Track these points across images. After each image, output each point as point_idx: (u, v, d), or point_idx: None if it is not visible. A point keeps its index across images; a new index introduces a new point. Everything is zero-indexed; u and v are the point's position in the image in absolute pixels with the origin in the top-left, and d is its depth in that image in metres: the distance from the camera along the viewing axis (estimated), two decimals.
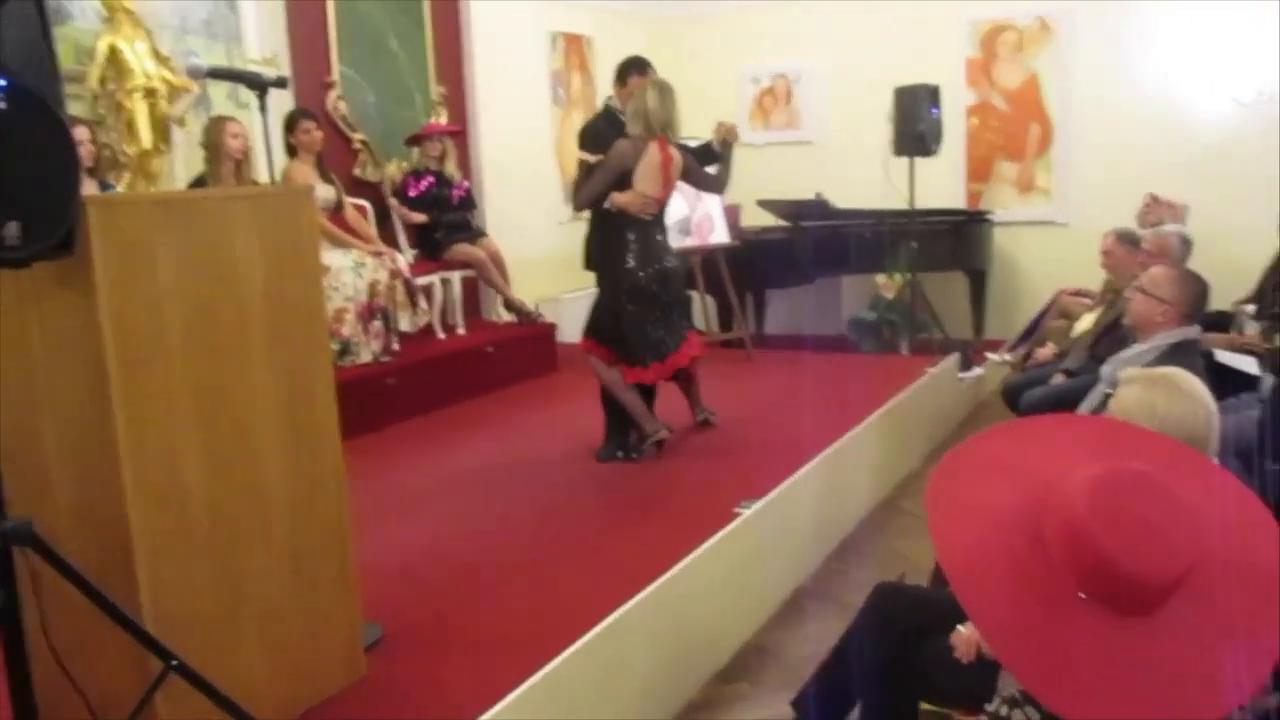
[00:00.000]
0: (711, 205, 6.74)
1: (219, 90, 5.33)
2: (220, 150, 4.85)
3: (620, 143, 4.36)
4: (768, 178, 8.10)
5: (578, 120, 7.56)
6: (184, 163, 5.10)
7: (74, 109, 4.62)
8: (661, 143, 4.33)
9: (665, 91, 4.34)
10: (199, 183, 4.89)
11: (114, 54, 4.76)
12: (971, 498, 1.37)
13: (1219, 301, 5.20)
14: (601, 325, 4.47)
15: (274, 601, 2.41)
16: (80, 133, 4.10)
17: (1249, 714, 1.50)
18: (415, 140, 6.42)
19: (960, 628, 2.25)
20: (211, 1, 5.35)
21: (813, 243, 7.45)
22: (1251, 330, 5.13)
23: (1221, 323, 5.39)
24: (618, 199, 4.33)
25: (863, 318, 7.58)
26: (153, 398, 2.11)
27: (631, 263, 4.37)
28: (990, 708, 1.40)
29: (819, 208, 7.70)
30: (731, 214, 7.22)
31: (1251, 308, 5.57)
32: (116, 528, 2.08)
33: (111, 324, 2.02)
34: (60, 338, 2.05)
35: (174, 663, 1.91)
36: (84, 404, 2.05)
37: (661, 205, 4.44)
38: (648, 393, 4.69)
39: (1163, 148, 7.33)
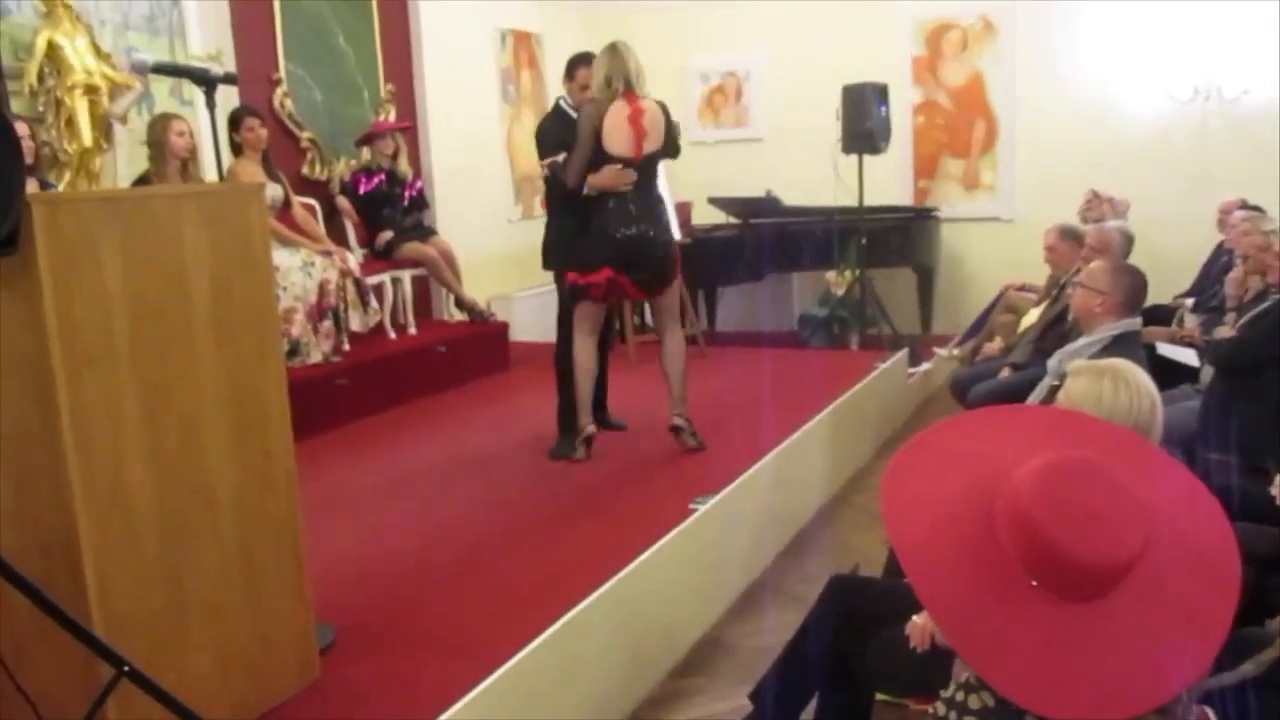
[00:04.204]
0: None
1: (162, 87, 5.24)
2: (165, 148, 4.76)
3: (585, 106, 4.33)
4: (718, 175, 8.13)
5: (528, 117, 7.56)
6: (127, 161, 5.00)
7: (12, 106, 4.51)
8: (629, 97, 4.21)
9: (620, 48, 4.24)
10: (142, 181, 4.80)
11: (53, 49, 4.65)
12: (925, 486, 1.38)
13: (1159, 296, 5.34)
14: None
15: (225, 604, 2.38)
16: (19, 130, 4.01)
17: (1192, 696, 1.53)
18: (366, 140, 6.36)
19: (915, 617, 2.28)
20: None
21: (763, 240, 7.51)
22: (1191, 323, 5.24)
23: (1162, 316, 5.51)
24: (593, 181, 4.25)
25: (813, 314, 7.65)
26: (99, 398, 2.08)
27: (609, 227, 4.25)
28: (945, 694, 1.42)
29: (769, 205, 7.75)
30: (682, 211, 7.24)
31: (1191, 301, 5.70)
32: (62, 531, 2.04)
33: (56, 323, 1.98)
34: (3, 337, 2.01)
35: (125, 669, 1.88)
36: (28, 404, 2.01)
37: (636, 165, 4.23)
38: (600, 389, 4.70)
39: (1104, 144, 7.48)
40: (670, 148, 4.42)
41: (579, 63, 4.60)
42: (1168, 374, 4.43)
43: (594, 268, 4.28)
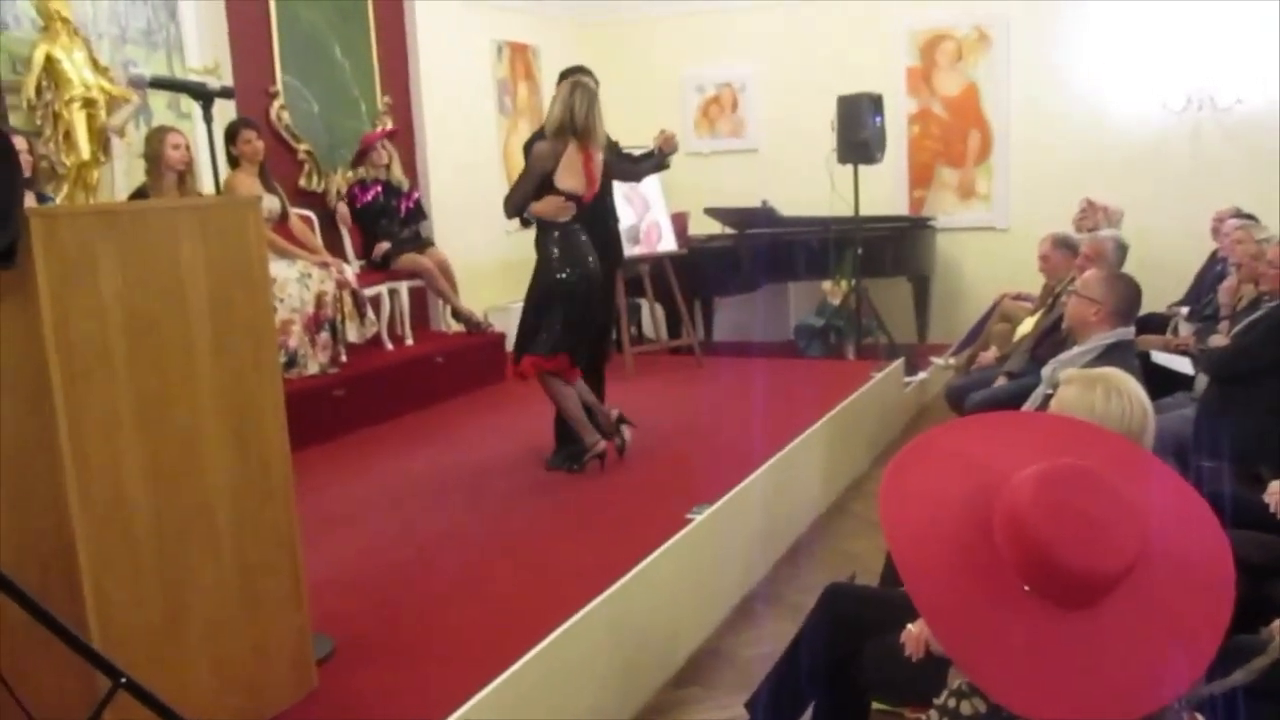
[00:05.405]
0: (659, 213, 6.78)
1: (159, 100, 5.25)
2: (161, 161, 4.78)
3: (539, 146, 4.37)
4: (714, 186, 8.16)
5: (524, 129, 7.58)
6: (124, 174, 5.01)
7: (10, 120, 4.53)
8: (583, 146, 4.30)
9: (593, 101, 4.30)
10: (140, 194, 4.82)
11: (51, 63, 4.67)
12: (923, 490, 1.39)
13: (1154, 304, 5.36)
14: (525, 329, 4.43)
15: (223, 615, 2.38)
16: (18, 143, 4.02)
17: (1185, 704, 1.54)
18: (360, 158, 6.36)
19: (909, 625, 2.29)
20: (151, 10, 5.27)
21: (759, 250, 7.52)
22: (1185, 332, 5.26)
23: (1157, 325, 5.53)
24: (535, 208, 4.34)
25: (809, 323, 7.67)
26: (96, 410, 2.08)
27: (557, 261, 4.34)
28: (938, 701, 1.42)
29: (765, 215, 7.77)
30: (679, 222, 7.27)
31: (1185, 310, 5.72)
32: (60, 543, 2.04)
33: (54, 336, 1.99)
34: (2, 351, 2.01)
35: (123, 680, 1.88)
36: (26, 417, 2.02)
37: (584, 204, 4.38)
38: (597, 399, 4.70)
39: (1097, 154, 7.51)
40: (624, 176, 4.89)
41: (572, 75, 4.63)
42: (1162, 382, 4.45)
43: (553, 352, 4.32)
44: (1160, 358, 4.83)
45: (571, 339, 4.35)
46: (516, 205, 4.43)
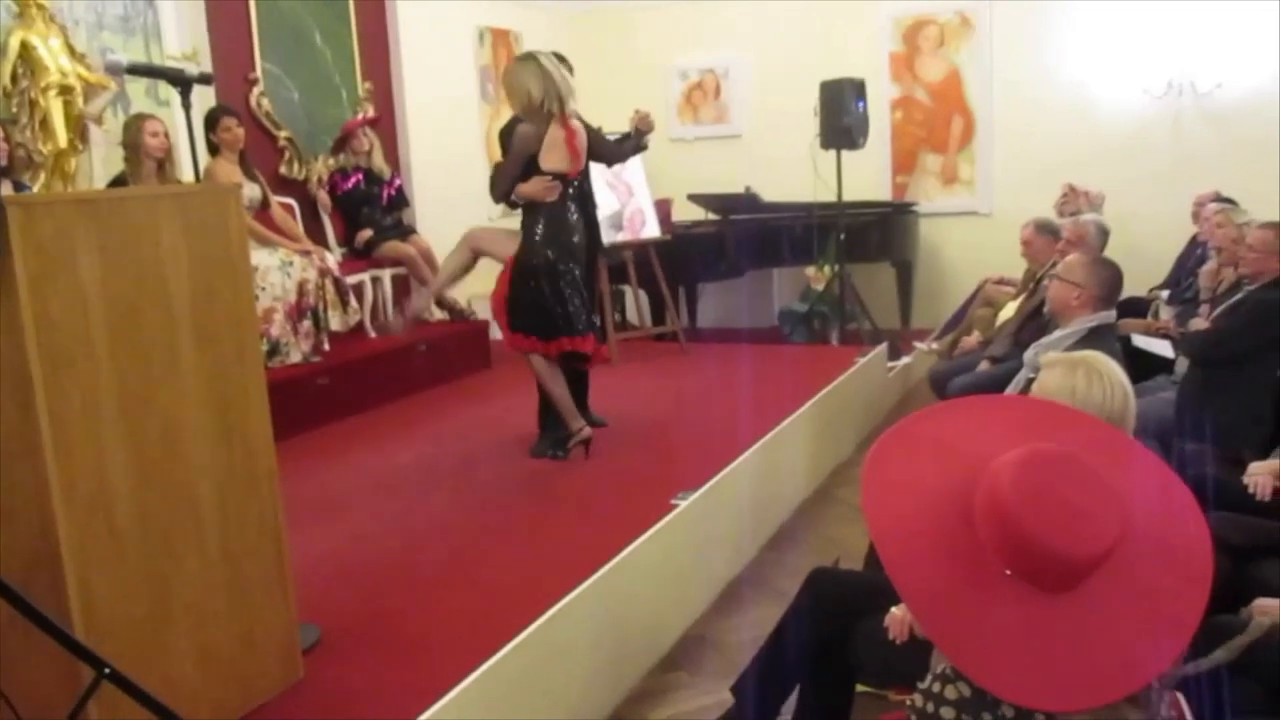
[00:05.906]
0: (642, 200, 6.77)
1: (137, 87, 5.21)
2: (140, 149, 4.73)
3: (522, 128, 4.34)
4: (698, 172, 8.15)
5: (507, 116, 7.52)
6: (102, 162, 4.98)
7: None
8: (563, 120, 4.27)
9: (547, 64, 4.25)
10: (119, 182, 4.77)
11: (26, 50, 4.62)
12: (904, 476, 1.40)
13: (1135, 288, 5.38)
14: (519, 308, 4.41)
15: (207, 605, 2.37)
16: None
17: (1164, 684, 1.55)
18: (341, 144, 6.33)
19: (893, 609, 2.30)
20: None
21: (743, 236, 7.52)
22: (1166, 315, 5.29)
23: (1138, 308, 5.56)
24: (522, 189, 4.31)
25: (793, 309, 7.68)
26: (78, 400, 2.07)
27: (539, 239, 4.31)
28: (923, 685, 1.43)
29: (748, 201, 7.77)
30: (662, 208, 7.26)
31: (1166, 294, 5.76)
32: (43, 534, 2.03)
33: (34, 326, 1.97)
34: None
35: (107, 671, 1.87)
36: (7, 408, 2.00)
37: (570, 181, 4.35)
38: (581, 387, 4.70)
39: (1079, 139, 7.54)
40: (608, 157, 4.76)
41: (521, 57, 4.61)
42: (1143, 365, 4.49)
43: (551, 337, 4.33)
44: (1141, 341, 4.87)
45: (574, 320, 4.32)
46: (503, 190, 4.39)
